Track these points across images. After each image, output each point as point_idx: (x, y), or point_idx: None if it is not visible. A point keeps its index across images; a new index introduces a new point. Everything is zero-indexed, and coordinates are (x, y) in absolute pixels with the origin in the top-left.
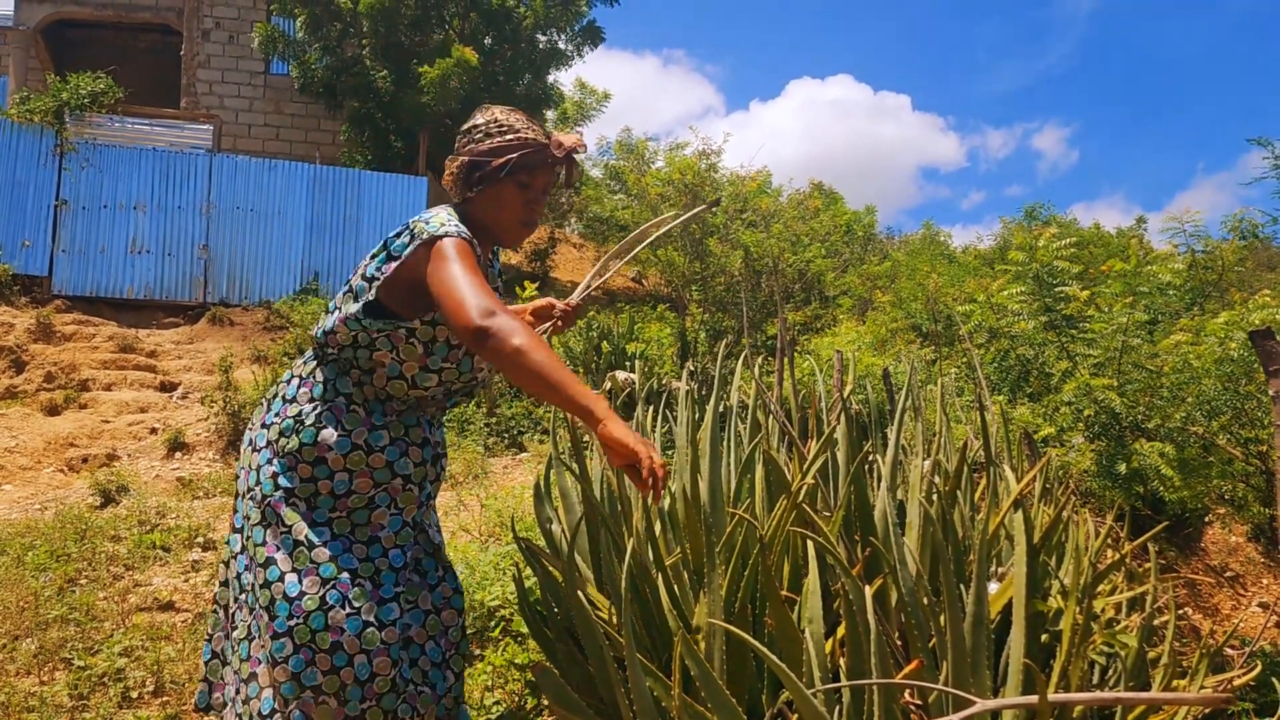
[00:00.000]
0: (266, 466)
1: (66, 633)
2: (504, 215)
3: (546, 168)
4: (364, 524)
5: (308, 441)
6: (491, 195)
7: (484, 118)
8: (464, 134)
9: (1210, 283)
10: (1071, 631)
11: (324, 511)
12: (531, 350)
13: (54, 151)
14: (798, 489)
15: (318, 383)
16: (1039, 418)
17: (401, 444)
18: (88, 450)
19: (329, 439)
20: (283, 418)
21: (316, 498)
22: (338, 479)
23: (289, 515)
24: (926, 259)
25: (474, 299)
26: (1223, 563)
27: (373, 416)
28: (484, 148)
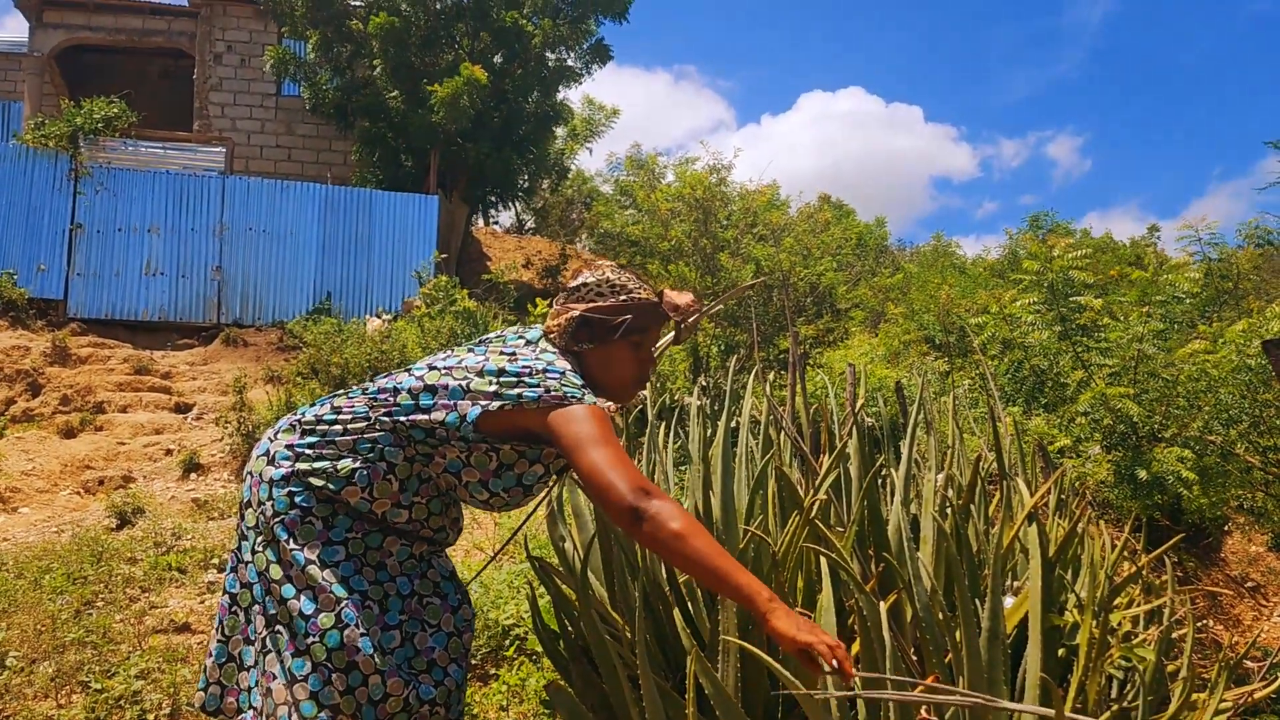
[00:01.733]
0: (283, 485)
1: (83, 655)
2: (616, 374)
3: (657, 325)
4: (376, 548)
5: (335, 489)
6: (604, 354)
7: (594, 276)
8: (573, 291)
9: (1226, 291)
10: (1088, 646)
11: (341, 530)
12: (691, 535)
13: (69, 176)
14: (810, 504)
15: (365, 439)
16: (1054, 429)
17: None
18: (104, 472)
19: (353, 494)
20: (317, 455)
21: (335, 516)
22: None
23: (303, 533)
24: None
25: (626, 478)
26: (1243, 573)
27: (404, 494)
28: (598, 306)
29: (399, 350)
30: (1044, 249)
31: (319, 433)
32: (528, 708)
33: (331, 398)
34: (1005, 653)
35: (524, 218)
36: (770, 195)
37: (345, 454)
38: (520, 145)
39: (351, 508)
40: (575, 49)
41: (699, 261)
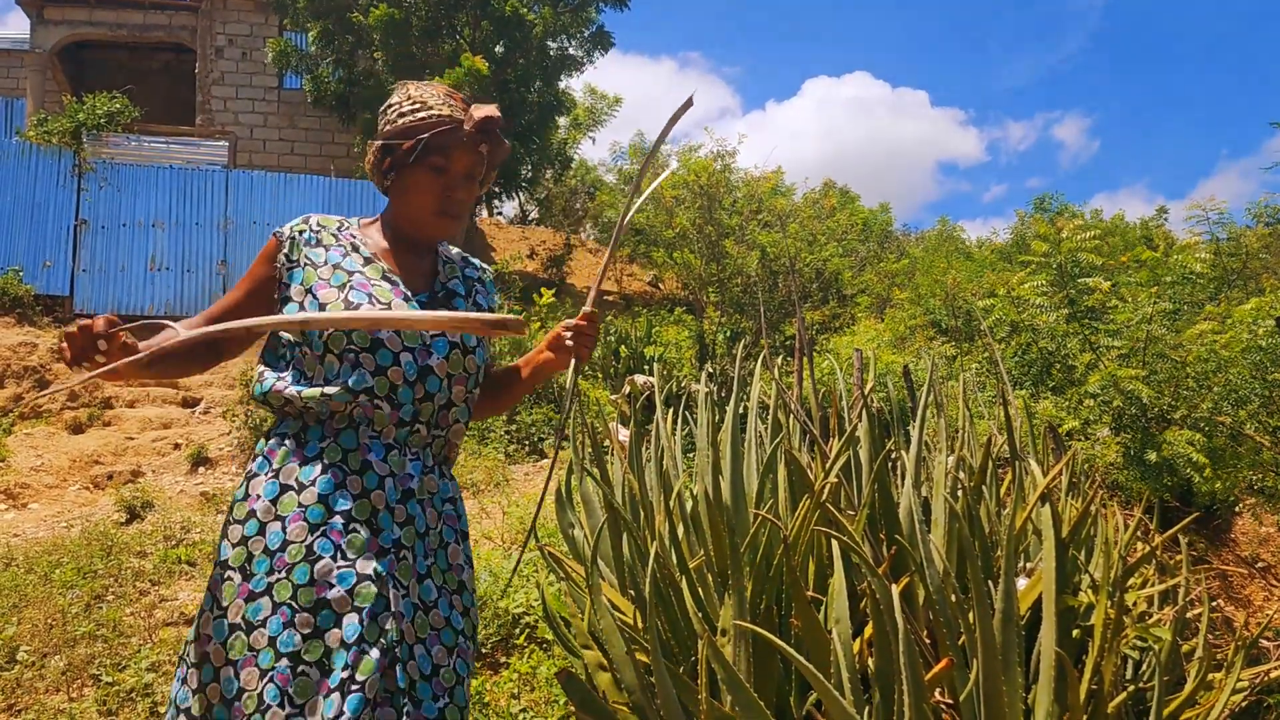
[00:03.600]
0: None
1: (94, 649)
2: (415, 204)
3: (465, 147)
4: (306, 583)
5: (239, 497)
6: (401, 183)
7: (399, 95)
8: (380, 115)
9: (1235, 270)
10: (1103, 626)
11: (261, 577)
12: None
13: (72, 172)
14: (821, 488)
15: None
16: (1063, 411)
17: (336, 472)
18: (112, 467)
19: (257, 488)
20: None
21: (250, 561)
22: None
23: (224, 594)
24: (943, 255)
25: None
26: (1254, 554)
27: (305, 447)
28: (396, 129)
29: None
30: (1053, 231)
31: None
32: (539, 695)
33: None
34: (1019, 634)
35: (528, 208)
36: (775, 182)
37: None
38: (523, 135)
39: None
40: (577, 37)
41: (704, 249)
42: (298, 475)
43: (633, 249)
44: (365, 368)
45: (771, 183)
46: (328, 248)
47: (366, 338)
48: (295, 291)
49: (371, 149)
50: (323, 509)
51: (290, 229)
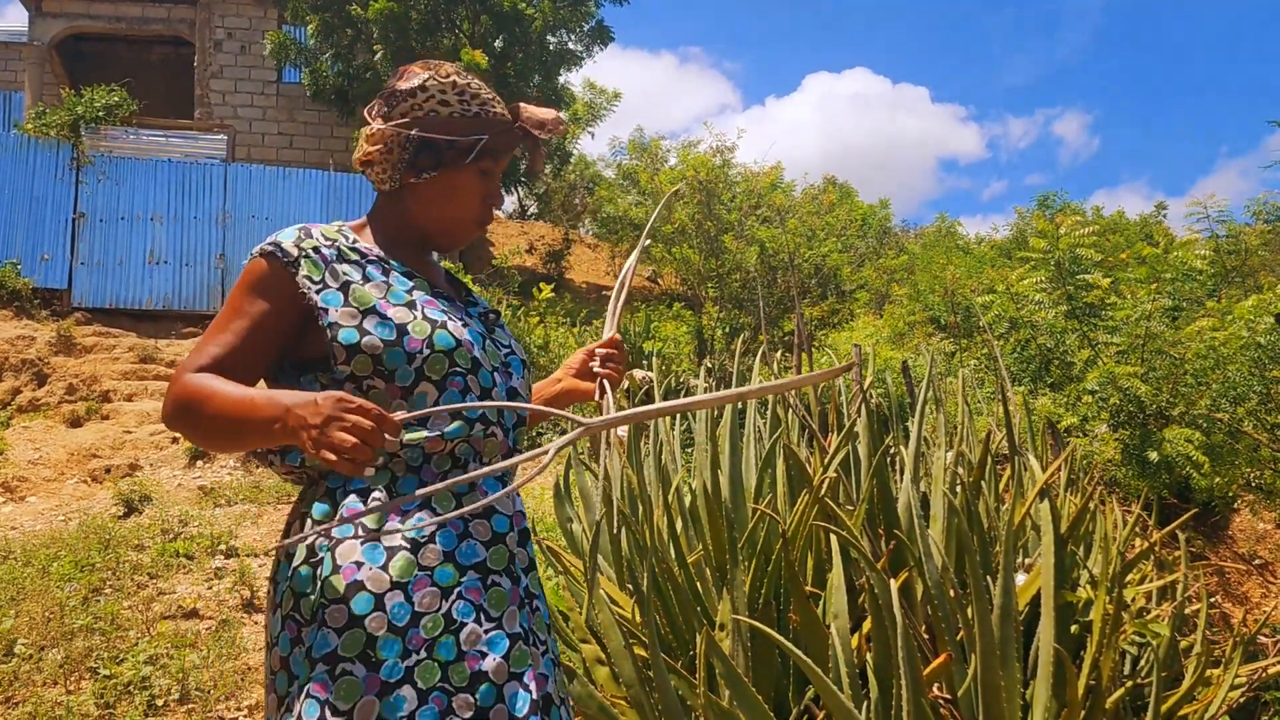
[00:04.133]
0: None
1: (92, 642)
2: (459, 208)
3: (513, 149)
4: (455, 658)
5: (325, 572)
6: (447, 183)
7: (434, 79)
8: (401, 97)
9: (1234, 268)
10: (1102, 621)
11: (394, 662)
12: (196, 399)
13: (70, 165)
14: (820, 483)
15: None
16: (1061, 407)
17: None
18: (110, 461)
19: (351, 554)
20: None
21: (374, 645)
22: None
23: (341, 693)
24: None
25: (190, 359)
26: (1251, 550)
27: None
28: (444, 123)
29: None
30: (1051, 227)
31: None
32: None
33: None
34: (1018, 630)
35: (526, 203)
36: (774, 177)
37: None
38: None
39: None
40: (576, 32)
41: (702, 244)
42: (402, 534)
43: (631, 244)
44: (473, 393)
45: (771, 178)
46: (359, 262)
47: (468, 358)
48: (343, 315)
49: (392, 138)
50: (452, 567)
51: (294, 245)
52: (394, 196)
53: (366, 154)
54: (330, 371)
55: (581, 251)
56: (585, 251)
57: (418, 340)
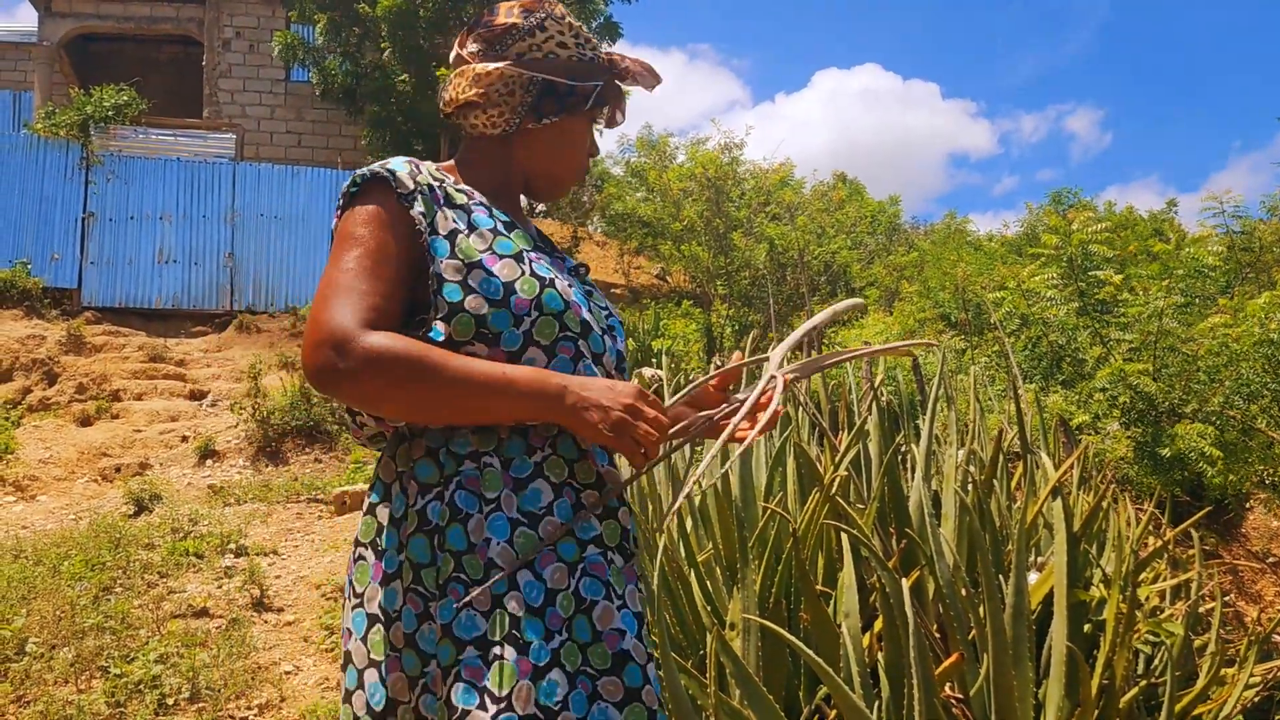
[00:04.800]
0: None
1: (102, 641)
2: (567, 159)
3: (614, 101)
4: (591, 639)
5: (458, 546)
6: (561, 131)
7: (551, 19)
8: (517, 34)
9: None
10: (1115, 621)
11: (539, 645)
12: (411, 359)
13: (80, 165)
14: (830, 481)
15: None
16: (1073, 405)
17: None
18: (120, 460)
19: (479, 531)
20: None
21: (519, 627)
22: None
23: (497, 679)
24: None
25: (337, 312)
26: (1265, 548)
27: (510, 468)
28: (565, 65)
29: None
30: (1063, 223)
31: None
32: None
33: None
34: (1030, 629)
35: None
36: (784, 174)
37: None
38: None
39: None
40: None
41: (711, 241)
42: (518, 505)
43: (640, 241)
44: (585, 359)
45: (780, 175)
46: (464, 207)
47: (578, 321)
48: (448, 268)
49: (513, 79)
50: (573, 541)
51: (409, 177)
52: (500, 142)
53: (472, 95)
54: (421, 329)
55: (590, 249)
56: (594, 249)
57: (525, 300)
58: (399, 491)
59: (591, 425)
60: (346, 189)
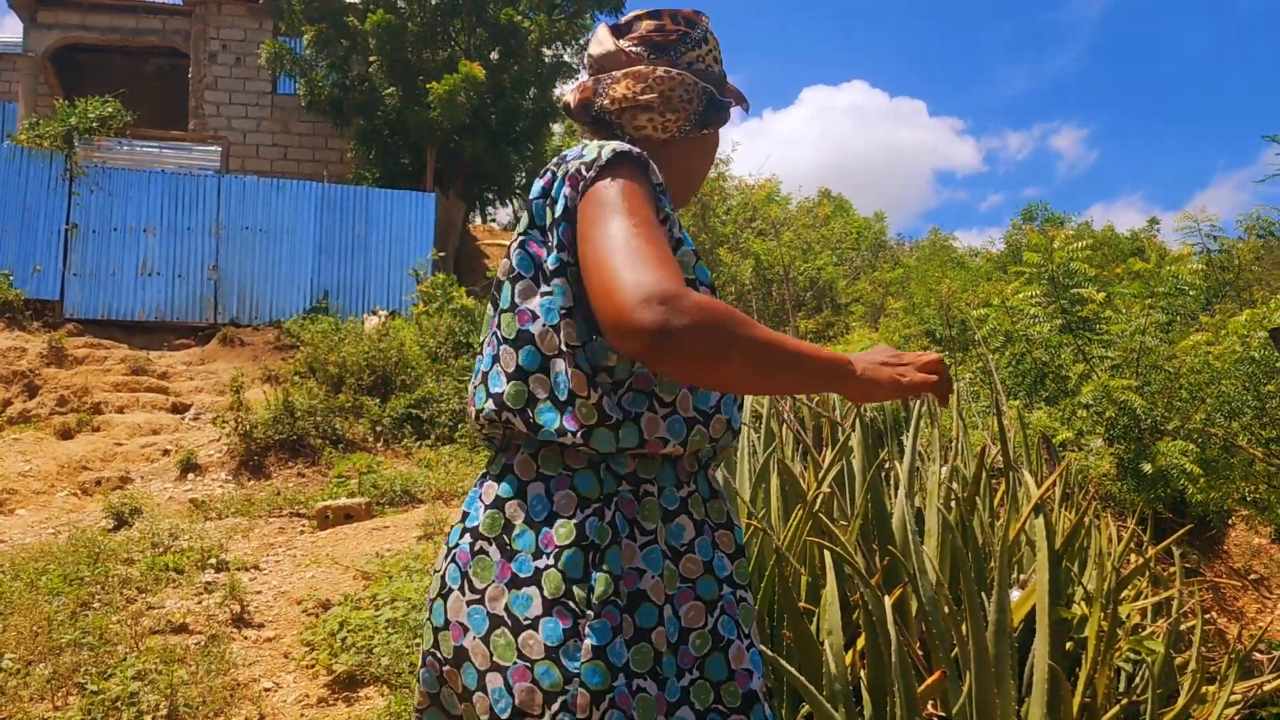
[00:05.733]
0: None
1: (80, 657)
2: (704, 169)
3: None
4: (726, 678)
5: (615, 570)
6: (709, 142)
7: (710, 33)
8: (689, 43)
9: (1227, 282)
10: (1097, 638)
11: (673, 681)
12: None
13: (64, 176)
14: (813, 498)
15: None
16: (1056, 422)
17: (707, 529)
18: (100, 473)
19: (633, 558)
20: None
21: (659, 661)
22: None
23: (642, 712)
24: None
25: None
26: (1246, 565)
27: (663, 497)
28: (716, 76)
29: (397, 348)
30: (1045, 241)
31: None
32: None
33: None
34: (1012, 646)
35: (521, 215)
36: (770, 190)
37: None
38: (517, 142)
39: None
40: (572, 44)
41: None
42: (666, 538)
43: None
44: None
45: (766, 191)
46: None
47: None
48: (684, 266)
49: (692, 87)
50: (712, 579)
51: (645, 153)
52: (663, 146)
53: (651, 97)
54: None
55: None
56: None
57: None
58: (541, 494)
59: (893, 382)
60: (598, 158)
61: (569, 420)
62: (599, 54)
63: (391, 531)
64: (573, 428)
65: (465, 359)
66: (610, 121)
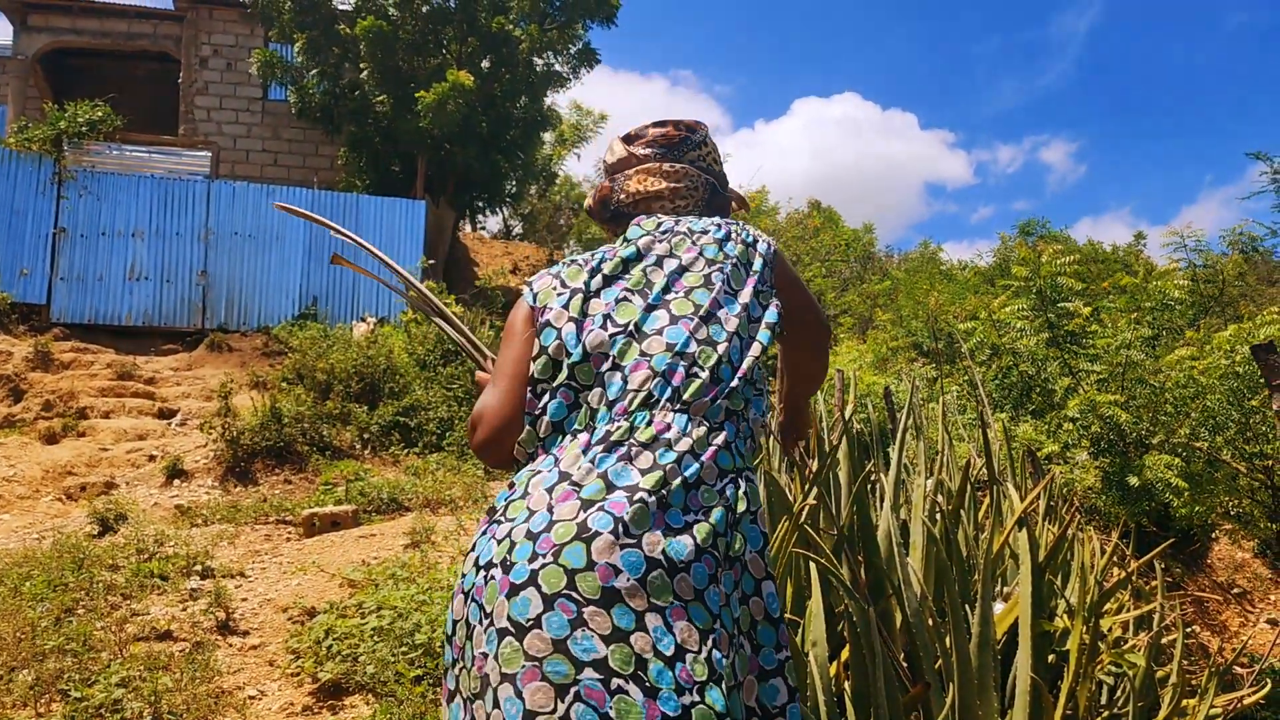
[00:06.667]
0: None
1: (64, 663)
2: None
3: None
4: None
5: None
6: None
7: (709, 138)
8: (693, 144)
9: (1212, 297)
10: (1079, 651)
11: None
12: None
13: (52, 180)
14: (800, 509)
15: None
16: (1042, 434)
17: None
18: (86, 478)
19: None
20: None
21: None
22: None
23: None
24: (925, 277)
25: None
26: (1229, 579)
27: None
28: (719, 171)
29: (385, 355)
30: (1032, 255)
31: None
32: None
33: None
34: (995, 659)
35: (511, 223)
36: (759, 201)
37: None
38: (508, 150)
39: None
40: (563, 54)
41: None
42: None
43: None
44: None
45: (755, 202)
46: None
47: None
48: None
49: (698, 178)
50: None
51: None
52: None
53: (662, 187)
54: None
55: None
56: None
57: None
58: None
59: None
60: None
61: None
62: (612, 160)
63: (378, 539)
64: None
65: (454, 367)
66: (627, 214)
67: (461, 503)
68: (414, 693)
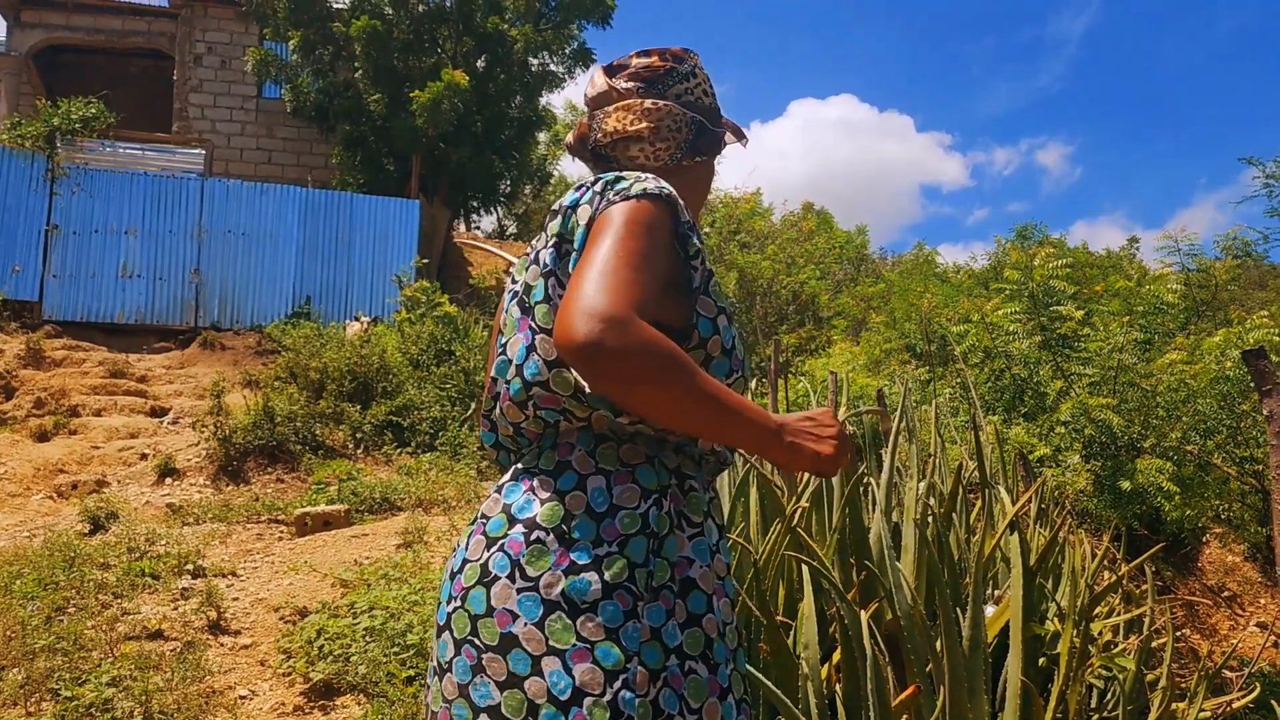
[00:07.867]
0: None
1: (54, 662)
2: (702, 197)
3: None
4: (744, 674)
5: (673, 556)
6: (704, 170)
7: (698, 68)
8: (676, 77)
9: (1204, 301)
10: (1069, 655)
11: (724, 668)
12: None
13: (45, 176)
14: (792, 513)
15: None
16: (1034, 438)
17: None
18: (77, 477)
19: (682, 549)
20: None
21: (711, 647)
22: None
23: (693, 693)
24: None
25: (608, 296)
26: (1220, 582)
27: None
28: (712, 110)
29: (378, 355)
30: (1025, 258)
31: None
32: None
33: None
34: (986, 662)
35: (506, 223)
36: (754, 203)
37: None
38: (502, 150)
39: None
40: (558, 54)
41: None
42: (705, 537)
43: None
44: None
45: (750, 204)
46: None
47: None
48: (703, 303)
49: (679, 116)
50: (733, 580)
51: (682, 207)
52: (661, 174)
53: (641, 128)
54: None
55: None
56: None
57: (739, 360)
58: (602, 486)
59: (813, 459)
60: (628, 187)
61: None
62: (593, 94)
63: (370, 539)
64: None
65: (447, 366)
66: (606, 154)
67: (454, 503)
68: (405, 693)
